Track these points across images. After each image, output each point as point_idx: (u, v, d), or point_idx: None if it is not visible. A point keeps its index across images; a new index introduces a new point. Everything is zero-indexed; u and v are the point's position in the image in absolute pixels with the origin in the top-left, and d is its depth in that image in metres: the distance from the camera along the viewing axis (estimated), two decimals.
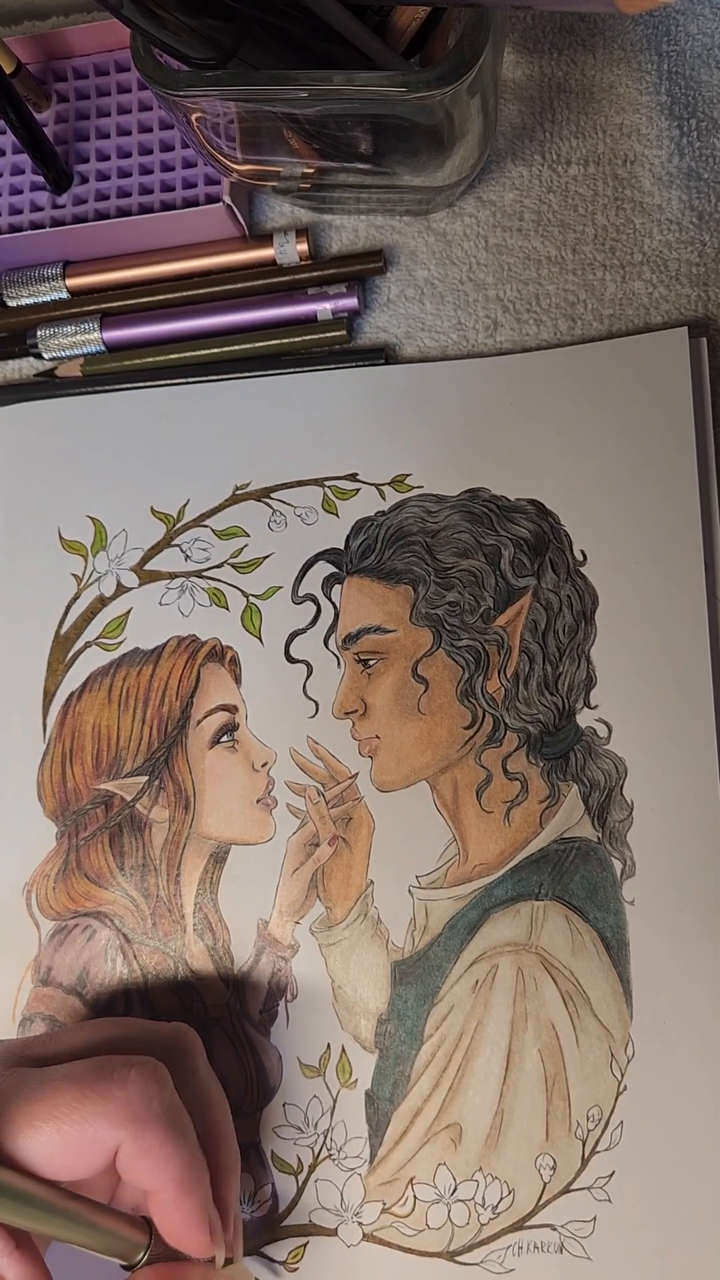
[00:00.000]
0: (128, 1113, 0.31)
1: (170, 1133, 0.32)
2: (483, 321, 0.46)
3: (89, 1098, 0.31)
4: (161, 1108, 0.32)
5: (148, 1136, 0.31)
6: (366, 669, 0.42)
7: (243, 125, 0.39)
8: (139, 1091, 0.32)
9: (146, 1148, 0.31)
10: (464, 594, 0.42)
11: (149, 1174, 0.32)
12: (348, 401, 0.45)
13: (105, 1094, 0.31)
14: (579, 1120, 0.38)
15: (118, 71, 0.48)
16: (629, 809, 0.40)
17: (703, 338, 0.44)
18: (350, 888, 0.41)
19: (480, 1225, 0.38)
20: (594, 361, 0.44)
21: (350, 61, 0.37)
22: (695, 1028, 0.38)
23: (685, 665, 0.41)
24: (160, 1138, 0.32)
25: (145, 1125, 0.31)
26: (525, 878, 0.40)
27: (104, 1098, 0.31)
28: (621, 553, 0.42)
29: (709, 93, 0.46)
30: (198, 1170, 0.33)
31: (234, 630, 0.44)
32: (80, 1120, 0.31)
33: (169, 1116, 0.32)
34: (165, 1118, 0.32)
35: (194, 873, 0.42)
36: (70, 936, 0.42)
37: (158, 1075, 0.33)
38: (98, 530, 0.46)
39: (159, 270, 0.48)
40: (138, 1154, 0.31)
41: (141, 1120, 0.31)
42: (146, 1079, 0.32)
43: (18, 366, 0.49)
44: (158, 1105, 0.32)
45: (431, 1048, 0.39)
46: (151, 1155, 0.32)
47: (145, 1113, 0.32)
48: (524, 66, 0.47)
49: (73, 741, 0.44)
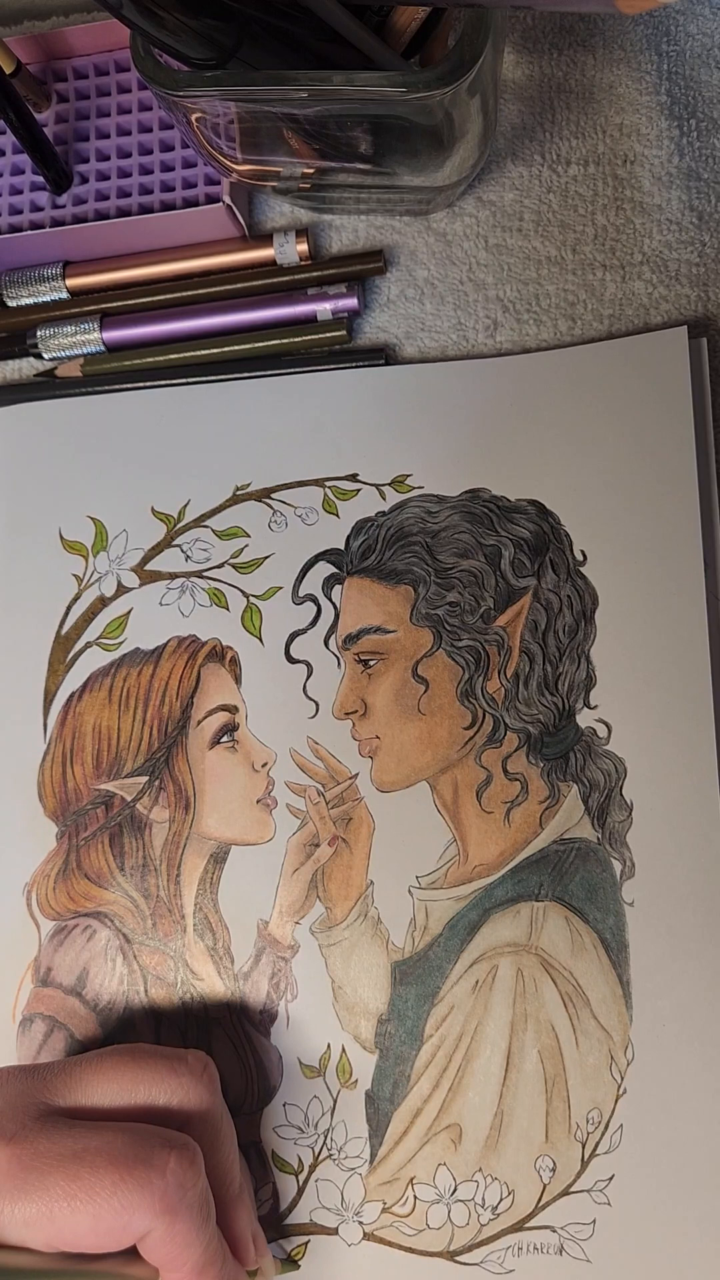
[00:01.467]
0: (164, 1204, 0.32)
1: (197, 1221, 0.33)
2: (483, 322, 0.46)
3: (128, 1184, 0.32)
4: (195, 1198, 0.33)
5: (178, 1226, 0.32)
6: (367, 669, 0.42)
7: (243, 125, 0.39)
8: (176, 1181, 0.32)
9: (174, 1235, 0.32)
10: (464, 594, 0.42)
11: (169, 1258, 0.33)
12: (348, 402, 0.45)
13: (145, 1181, 0.32)
14: (579, 1122, 0.38)
15: (118, 71, 0.48)
16: (629, 810, 0.40)
17: (703, 338, 0.44)
18: (350, 888, 0.41)
19: (480, 1226, 0.38)
20: (594, 362, 0.44)
21: (350, 62, 0.37)
22: (695, 1030, 0.38)
23: (685, 665, 0.41)
24: (189, 1226, 0.32)
25: (177, 1216, 0.32)
26: (525, 878, 0.40)
27: (143, 1186, 0.32)
28: (622, 553, 0.42)
29: (709, 93, 0.46)
30: (213, 1250, 0.33)
31: (234, 630, 0.44)
32: (118, 1209, 0.31)
33: (199, 1204, 0.33)
34: (197, 1207, 0.33)
35: (194, 873, 0.42)
36: (70, 937, 0.42)
37: (195, 1163, 0.33)
38: (98, 530, 0.46)
39: (159, 270, 0.48)
40: (164, 1240, 0.32)
41: (175, 1211, 0.32)
42: (185, 1168, 0.33)
43: (18, 366, 0.49)
44: (192, 1195, 0.33)
45: (431, 1048, 0.39)
46: (177, 1243, 0.32)
47: (179, 1204, 0.32)
48: (524, 66, 0.47)
49: (73, 742, 0.44)
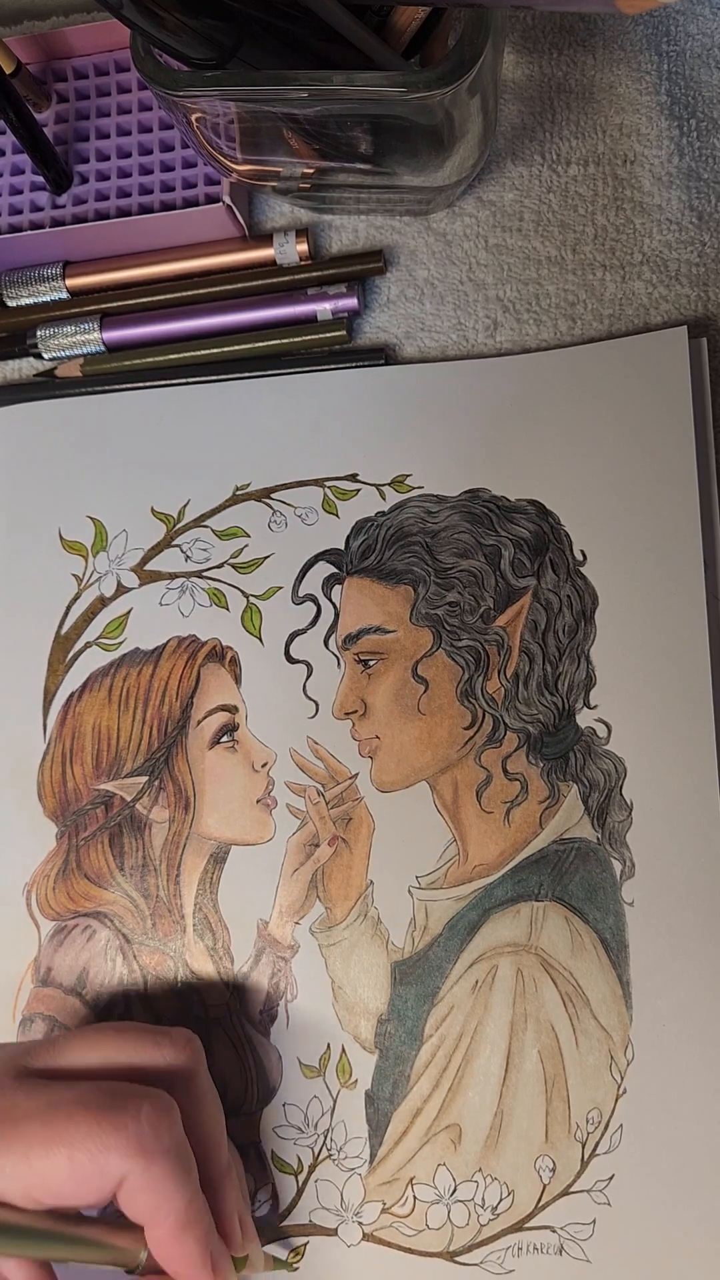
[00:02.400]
0: (138, 1145, 0.32)
1: (176, 1169, 0.33)
2: (483, 321, 0.46)
3: (102, 1127, 0.32)
4: (171, 1143, 0.33)
5: (154, 1170, 0.32)
6: (366, 669, 0.42)
7: (243, 125, 0.39)
8: (150, 1125, 0.32)
9: (151, 1182, 0.32)
10: (464, 594, 0.42)
11: (150, 1209, 0.32)
12: (348, 402, 0.45)
13: (119, 1124, 0.32)
14: (579, 1122, 0.38)
15: (118, 71, 0.48)
16: (629, 809, 0.40)
17: (702, 338, 0.44)
18: (350, 888, 0.41)
19: (480, 1226, 0.38)
20: (594, 361, 0.44)
21: (350, 62, 0.37)
22: (695, 1030, 0.38)
23: (685, 665, 0.41)
24: (166, 1172, 0.32)
25: (153, 1159, 0.32)
26: (525, 878, 0.40)
27: (117, 1128, 0.32)
28: (621, 553, 0.42)
29: (709, 93, 0.46)
30: (198, 1208, 0.33)
31: (234, 630, 0.44)
32: (92, 1150, 0.31)
33: (177, 1152, 0.33)
34: (174, 1153, 0.33)
35: (194, 873, 0.42)
36: (70, 937, 0.42)
37: (170, 1112, 0.33)
38: (98, 530, 0.46)
39: (159, 270, 0.48)
40: (143, 1187, 0.32)
41: (150, 1154, 0.32)
42: (159, 1113, 0.33)
43: (18, 366, 0.49)
44: (167, 1141, 0.33)
45: (431, 1048, 0.39)
46: (155, 1190, 0.32)
47: (155, 1147, 0.32)
48: (524, 66, 0.47)
49: (73, 741, 0.44)
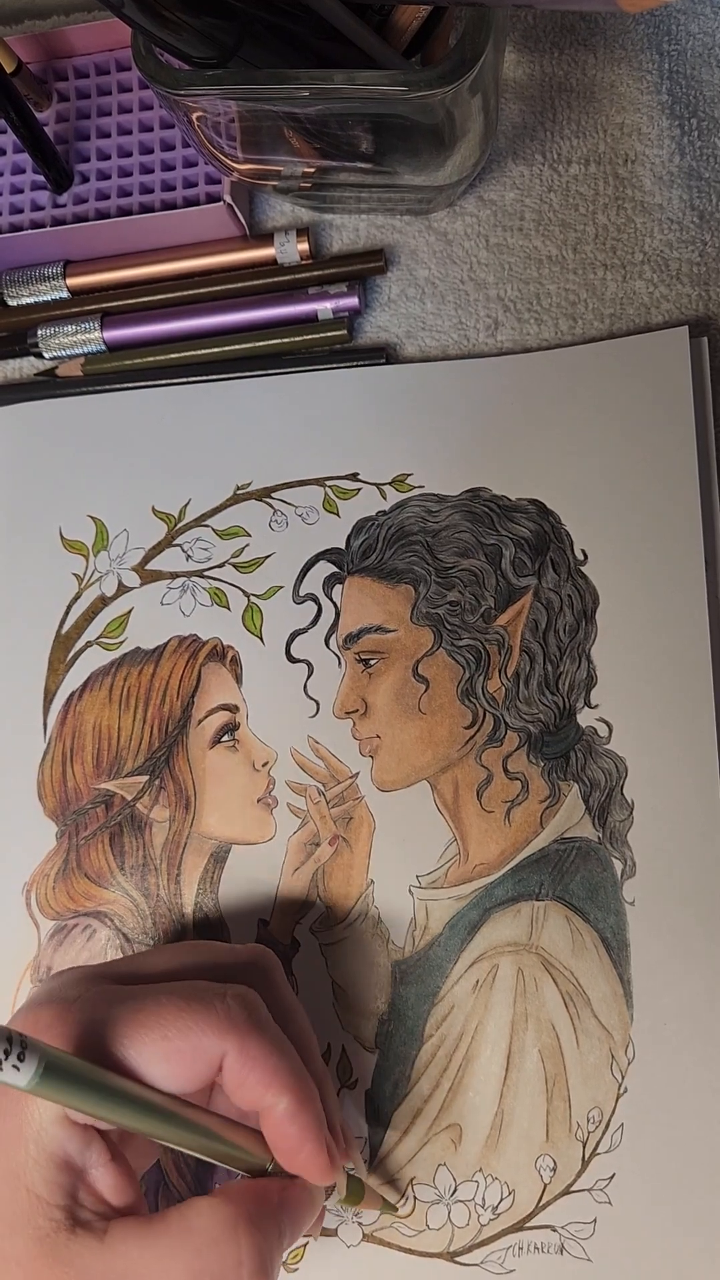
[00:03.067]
0: (229, 1023, 0.31)
1: (274, 1044, 0.32)
2: (483, 321, 0.46)
3: (191, 1008, 0.31)
4: (262, 1021, 0.32)
5: (252, 1047, 0.31)
6: (367, 669, 0.42)
7: (243, 124, 0.39)
8: (239, 1005, 0.32)
9: (252, 1058, 0.31)
10: (465, 593, 0.42)
11: (258, 1086, 0.32)
12: (348, 401, 0.45)
13: (208, 1006, 0.31)
14: (579, 1121, 0.38)
15: (118, 71, 0.48)
16: (629, 809, 0.40)
17: (703, 337, 0.44)
18: (351, 887, 0.41)
19: (480, 1226, 0.38)
20: (595, 361, 0.44)
21: (351, 61, 0.37)
22: (696, 1029, 0.38)
23: (686, 665, 0.41)
24: (265, 1049, 0.32)
25: (248, 1035, 0.31)
26: (526, 878, 0.40)
27: (206, 1007, 0.31)
28: (622, 552, 0.42)
29: (710, 92, 0.46)
30: (307, 1085, 0.33)
31: (235, 630, 0.44)
32: (185, 1029, 0.31)
33: (270, 1031, 0.32)
34: (268, 1031, 0.32)
35: (194, 872, 0.42)
36: (70, 936, 0.42)
37: (255, 999, 0.33)
38: (99, 530, 0.46)
39: (159, 270, 0.48)
40: (244, 1064, 0.31)
41: (244, 1031, 0.31)
42: (244, 997, 0.32)
43: (18, 366, 0.49)
44: (259, 1018, 0.32)
45: (432, 1048, 0.39)
46: (259, 1066, 0.32)
47: (247, 1024, 0.32)
48: (525, 66, 0.47)
49: (73, 741, 0.44)
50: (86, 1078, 0.29)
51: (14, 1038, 0.26)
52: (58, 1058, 0.28)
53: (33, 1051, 0.26)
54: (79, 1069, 0.28)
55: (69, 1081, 0.28)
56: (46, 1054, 0.27)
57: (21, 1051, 0.26)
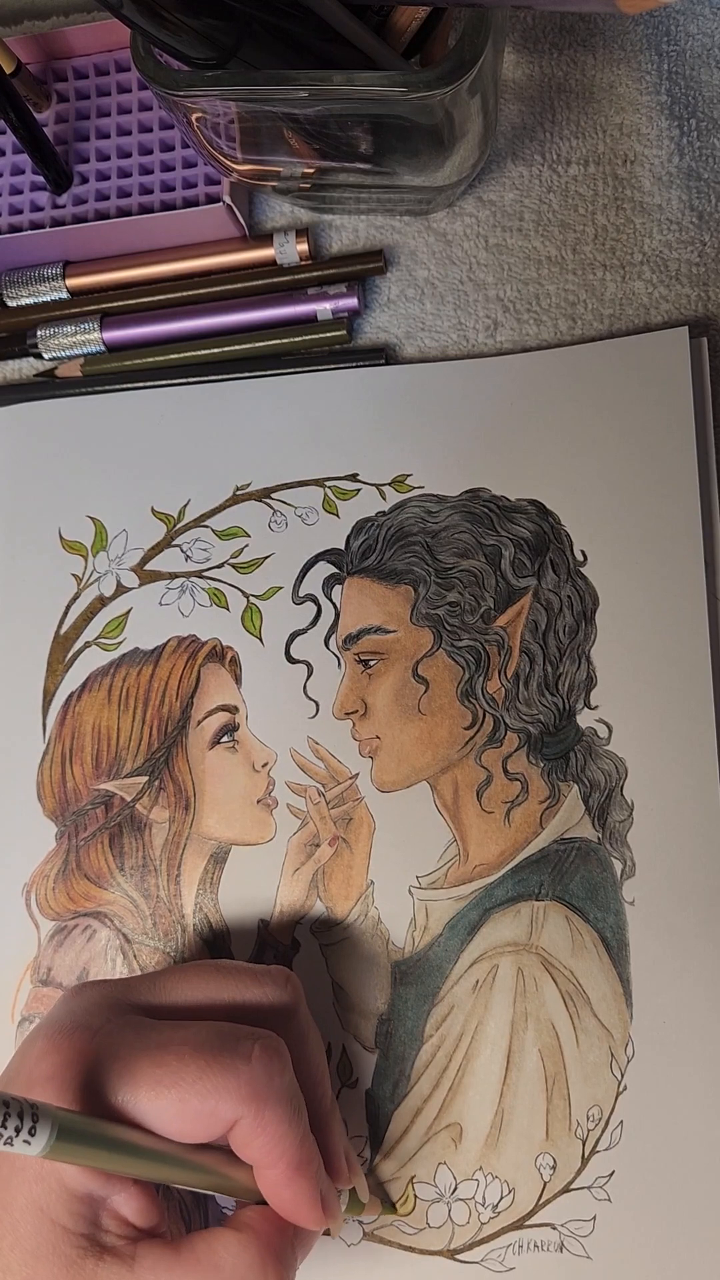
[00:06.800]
0: (250, 1090, 0.31)
1: (288, 1112, 0.32)
2: (483, 321, 0.46)
3: (214, 1070, 0.31)
4: (283, 1086, 0.32)
5: (267, 1115, 0.31)
6: (367, 669, 0.42)
7: (243, 125, 0.39)
8: (263, 1069, 0.32)
9: (264, 1127, 0.31)
10: (464, 594, 0.42)
11: (263, 1152, 0.32)
12: (348, 401, 0.45)
13: (231, 1068, 0.31)
14: (579, 1120, 0.38)
15: (118, 71, 0.48)
16: (629, 809, 0.40)
17: (703, 337, 0.44)
18: (350, 888, 0.41)
19: (480, 1224, 0.38)
20: (594, 361, 0.44)
21: (350, 61, 0.37)
22: (695, 1028, 0.38)
23: (685, 665, 0.41)
24: (278, 1116, 0.32)
25: (265, 1104, 0.31)
26: (525, 878, 0.40)
27: (229, 1072, 0.31)
28: (622, 553, 0.42)
29: (709, 93, 0.46)
30: (309, 1149, 0.33)
31: (234, 630, 0.44)
32: (204, 1093, 0.31)
33: (289, 1095, 0.32)
34: (286, 1096, 0.32)
35: (194, 873, 0.42)
36: (70, 937, 0.42)
37: (280, 1054, 0.33)
38: (98, 530, 0.46)
39: (159, 270, 0.48)
40: (254, 1131, 0.31)
41: (263, 1099, 0.31)
42: (270, 1056, 0.32)
43: (18, 366, 0.49)
44: (279, 1084, 0.32)
45: (432, 1048, 0.39)
46: (267, 1134, 0.31)
47: (267, 1091, 0.31)
48: (524, 66, 0.47)
49: (72, 741, 0.44)
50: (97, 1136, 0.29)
51: (25, 1110, 0.26)
52: (69, 1123, 0.27)
53: (44, 1121, 0.26)
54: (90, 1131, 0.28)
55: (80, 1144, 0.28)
56: (58, 1119, 0.27)
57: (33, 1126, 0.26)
